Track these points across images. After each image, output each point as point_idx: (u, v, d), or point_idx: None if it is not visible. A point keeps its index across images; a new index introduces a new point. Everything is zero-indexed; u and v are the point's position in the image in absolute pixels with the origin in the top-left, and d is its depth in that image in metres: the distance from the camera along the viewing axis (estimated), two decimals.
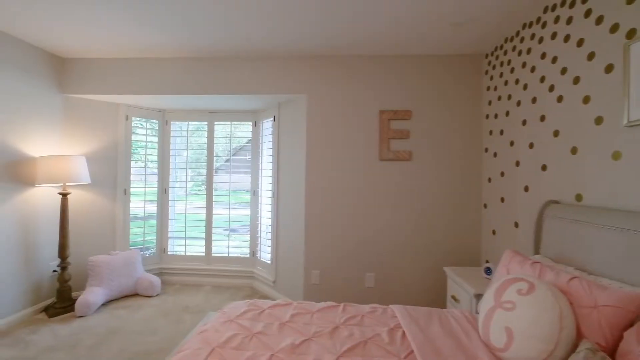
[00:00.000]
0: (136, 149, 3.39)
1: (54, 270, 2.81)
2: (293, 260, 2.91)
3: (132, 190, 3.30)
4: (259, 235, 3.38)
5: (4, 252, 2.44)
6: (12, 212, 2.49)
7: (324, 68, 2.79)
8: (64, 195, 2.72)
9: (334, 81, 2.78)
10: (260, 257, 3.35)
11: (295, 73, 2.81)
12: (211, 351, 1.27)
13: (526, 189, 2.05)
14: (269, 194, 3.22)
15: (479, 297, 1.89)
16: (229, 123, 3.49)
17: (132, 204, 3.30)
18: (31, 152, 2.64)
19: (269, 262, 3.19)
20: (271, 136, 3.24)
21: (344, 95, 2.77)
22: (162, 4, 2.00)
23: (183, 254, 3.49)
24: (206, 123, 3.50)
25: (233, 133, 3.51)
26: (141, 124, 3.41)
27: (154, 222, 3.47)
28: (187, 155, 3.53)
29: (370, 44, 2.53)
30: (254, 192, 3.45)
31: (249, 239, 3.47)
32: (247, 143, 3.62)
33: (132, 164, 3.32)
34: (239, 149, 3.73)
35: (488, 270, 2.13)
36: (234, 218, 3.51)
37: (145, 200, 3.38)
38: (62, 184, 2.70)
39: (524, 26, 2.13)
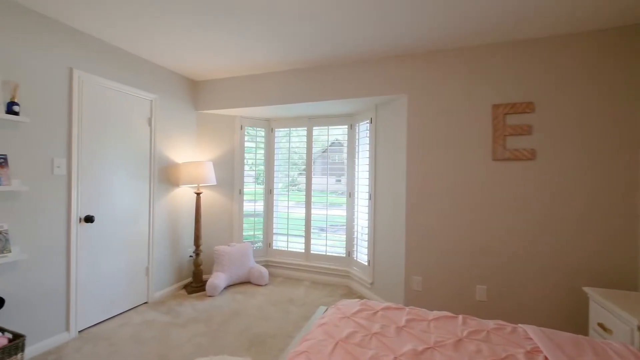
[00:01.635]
0: (247, 154, 3.86)
1: (190, 256, 3.43)
2: (392, 264, 2.87)
3: (244, 190, 3.78)
4: (355, 236, 3.44)
5: (161, 239, 3.10)
6: (165, 207, 3.15)
7: (425, 65, 2.67)
8: (198, 194, 3.30)
9: (437, 78, 2.63)
10: (356, 257, 3.40)
11: (395, 73, 2.77)
12: (336, 344, 1.34)
13: None
14: (366, 195, 3.25)
15: None
16: (326, 127, 3.66)
17: (244, 203, 3.77)
18: (176, 159, 3.29)
19: (366, 263, 3.22)
20: (367, 138, 3.26)
21: (449, 92, 2.60)
22: (274, 28, 2.23)
23: (285, 249, 3.81)
24: (305, 128, 3.75)
25: (321, 136, 3.66)
26: (251, 132, 3.87)
27: (261, 219, 3.89)
28: (288, 159, 3.85)
29: (479, 33, 2.30)
30: (350, 194, 3.53)
31: (345, 239, 3.57)
32: (330, 146, 3.77)
33: (244, 167, 3.80)
34: (322, 152, 3.94)
35: None
36: (330, 218, 3.65)
37: (255, 200, 3.83)
38: (197, 185, 3.27)
39: None
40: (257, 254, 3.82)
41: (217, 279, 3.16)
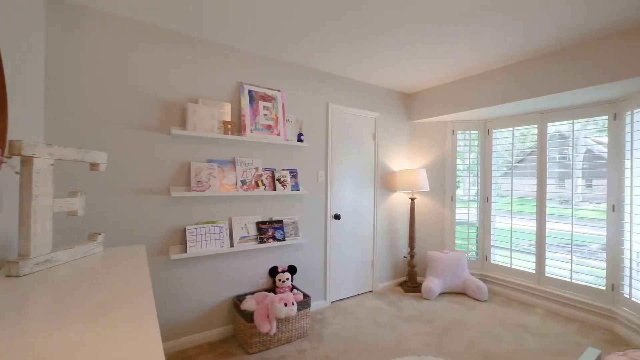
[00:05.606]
0: (458, 159, 3.71)
1: (405, 257, 3.69)
2: None
3: (457, 197, 3.65)
4: (625, 264, 2.53)
5: (382, 238, 3.54)
6: (384, 210, 3.57)
7: None
8: (412, 199, 3.51)
9: None
10: (629, 294, 2.49)
11: None
12: None
13: None
14: None
15: None
16: (569, 122, 2.92)
17: (457, 210, 3.65)
18: (393, 167, 3.65)
19: None
20: None
21: None
22: (490, 24, 2.01)
23: (507, 266, 3.35)
24: (535, 126, 3.16)
25: (561, 132, 2.90)
26: (463, 136, 3.69)
27: (475, 228, 3.62)
28: (512, 163, 3.37)
29: None
30: (614, 207, 2.64)
31: (605, 266, 2.70)
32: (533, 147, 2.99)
33: (456, 173, 3.67)
34: (528, 154, 3.27)
35: None
36: (579, 237, 2.86)
37: (468, 207, 3.62)
38: (411, 191, 3.50)
39: None
40: (471, 265, 3.59)
41: (432, 284, 3.23)
